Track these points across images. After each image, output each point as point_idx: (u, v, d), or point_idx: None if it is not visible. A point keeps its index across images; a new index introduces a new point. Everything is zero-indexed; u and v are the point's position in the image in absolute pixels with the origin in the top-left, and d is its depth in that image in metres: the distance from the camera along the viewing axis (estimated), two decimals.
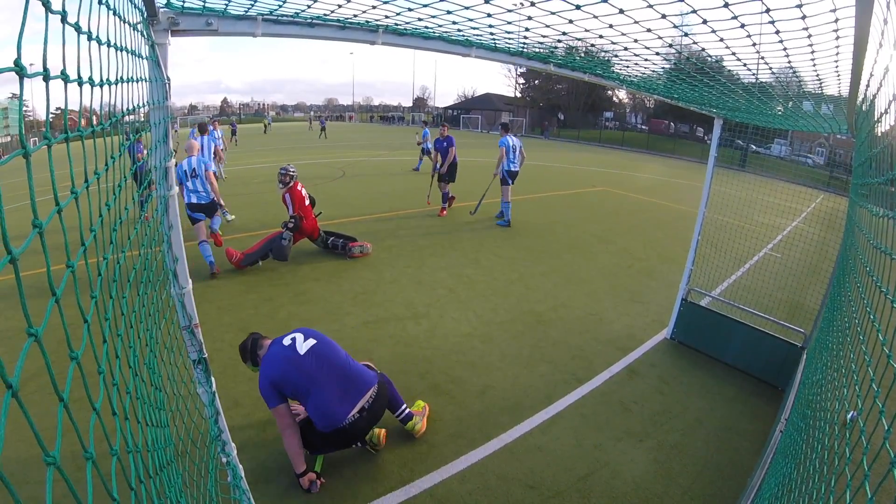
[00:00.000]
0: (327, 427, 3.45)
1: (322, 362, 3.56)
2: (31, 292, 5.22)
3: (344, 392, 3.52)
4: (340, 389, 3.51)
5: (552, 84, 67.08)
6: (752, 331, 5.35)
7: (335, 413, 3.44)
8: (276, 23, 2.30)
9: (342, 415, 3.45)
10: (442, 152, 12.00)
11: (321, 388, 3.46)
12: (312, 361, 3.53)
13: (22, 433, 3.59)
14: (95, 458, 0.98)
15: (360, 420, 3.50)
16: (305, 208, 8.39)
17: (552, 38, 2.77)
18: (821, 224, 11.46)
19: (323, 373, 3.51)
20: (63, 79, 0.97)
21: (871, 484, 1.12)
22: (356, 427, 3.49)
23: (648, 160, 34.15)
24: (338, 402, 3.47)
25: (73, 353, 0.93)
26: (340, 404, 3.47)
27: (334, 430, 3.45)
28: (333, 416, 3.44)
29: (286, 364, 3.48)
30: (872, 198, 1.90)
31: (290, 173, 8.27)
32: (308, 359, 3.54)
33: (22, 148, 0.79)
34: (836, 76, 2.71)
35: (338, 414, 3.45)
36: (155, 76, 2.04)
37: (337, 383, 3.53)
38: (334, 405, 3.45)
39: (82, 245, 1.08)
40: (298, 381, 3.45)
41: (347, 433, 3.47)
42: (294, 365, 3.49)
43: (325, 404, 3.44)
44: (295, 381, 3.44)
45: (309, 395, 3.44)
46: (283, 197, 8.33)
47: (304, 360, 3.52)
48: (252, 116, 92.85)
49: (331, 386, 3.49)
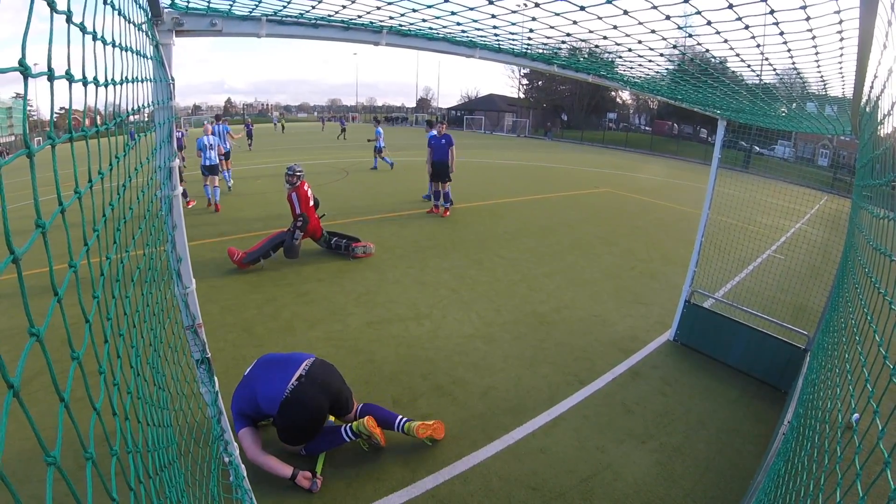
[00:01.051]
0: (275, 407, 3.58)
1: (261, 364, 3.87)
2: (33, 292, 5.22)
3: (278, 369, 3.74)
4: (276, 370, 3.74)
5: (555, 85, 67.03)
6: (755, 333, 5.33)
7: (277, 387, 3.61)
8: (280, 23, 2.31)
9: (282, 385, 3.61)
10: (439, 150, 11.91)
11: (259, 380, 3.70)
12: (252, 371, 3.85)
13: (24, 432, 3.60)
14: (95, 458, 0.98)
15: (301, 385, 3.62)
16: (310, 209, 8.42)
17: (556, 40, 2.77)
18: (824, 226, 11.43)
19: (259, 370, 3.80)
20: (67, 79, 0.97)
21: (862, 483, 1.11)
22: (301, 392, 3.60)
23: (652, 161, 34.09)
24: (274, 380, 3.66)
25: (74, 353, 0.93)
26: (276, 380, 3.66)
27: (281, 405, 3.57)
28: (277, 389, 3.60)
29: (238, 389, 3.80)
30: (875, 199, 1.89)
31: (297, 173, 8.30)
32: (250, 371, 3.87)
33: (25, 147, 0.79)
34: (840, 77, 2.70)
35: (279, 385, 3.62)
36: (159, 76, 2.04)
37: (271, 369, 3.77)
38: (274, 382, 3.64)
39: (85, 245, 1.08)
40: (245, 394, 3.70)
41: (297, 404, 3.57)
42: (241, 386, 3.78)
43: (266, 389, 3.63)
44: (243, 397, 3.71)
45: (256, 395, 3.64)
46: (289, 196, 8.36)
47: (247, 375, 3.85)
48: (256, 116, 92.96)
49: (266, 373, 3.74)
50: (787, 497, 1.78)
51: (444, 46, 2.83)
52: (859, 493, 1.10)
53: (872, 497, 1.15)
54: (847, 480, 1.19)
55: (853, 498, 1.16)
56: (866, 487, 1.10)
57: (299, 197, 8.26)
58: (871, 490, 1.12)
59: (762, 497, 2.51)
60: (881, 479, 1.04)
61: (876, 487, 1.17)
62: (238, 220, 11.15)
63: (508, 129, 63.16)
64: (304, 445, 3.76)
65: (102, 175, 1.22)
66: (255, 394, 3.63)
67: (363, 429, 3.71)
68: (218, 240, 9.47)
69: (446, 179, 11.95)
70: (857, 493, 1.12)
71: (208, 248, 8.92)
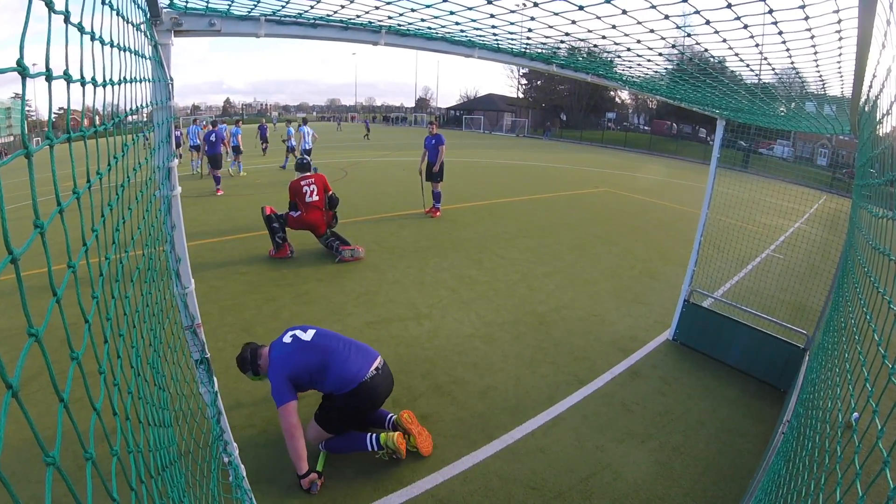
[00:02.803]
0: (351, 384, 3.60)
1: (330, 338, 3.81)
2: (33, 292, 5.21)
3: (357, 352, 3.77)
4: (354, 352, 3.76)
5: (554, 85, 67.09)
6: (754, 332, 5.34)
7: (358, 369, 3.65)
8: (278, 23, 2.30)
9: (364, 370, 3.66)
10: (431, 150, 11.85)
11: (337, 354, 3.68)
12: (321, 340, 3.76)
13: (25, 432, 3.60)
14: (95, 458, 0.98)
15: (377, 377, 3.70)
16: (305, 203, 8.45)
17: (555, 39, 2.77)
18: (823, 225, 11.44)
19: (334, 343, 3.76)
20: (66, 79, 0.97)
21: (862, 483, 1.11)
22: (376, 384, 3.68)
23: (651, 161, 34.13)
24: (356, 362, 3.69)
25: (73, 354, 0.93)
26: (358, 363, 3.69)
27: (358, 387, 3.60)
28: (357, 372, 3.64)
29: (298, 354, 3.63)
30: (874, 199, 1.90)
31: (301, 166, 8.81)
32: (317, 340, 3.76)
33: (24, 148, 0.79)
34: (839, 77, 2.70)
35: (361, 370, 3.66)
36: (158, 76, 2.04)
37: (349, 349, 3.77)
38: (355, 363, 3.67)
39: (84, 245, 1.08)
40: (314, 360, 3.61)
41: (369, 391, 3.64)
42: (306, 351, 3.66)
43: (344, 366, 3.63)
44: (310, 362, 3.60)
45: (327, 367, 3.61)
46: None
47: (313, 343, 3.72)
48: (255, 116, 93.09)
49: (345, 351, 3.73)
50: (788, 497, 1.78)
51: (442, 46, 2.83)
52: (859, 493, 1.10)
53: (872, 497, 1.15)
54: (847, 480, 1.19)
55: (853, 497, 1.16)
56: (866, 487, 1.10)
57: (289, 189, 8.59)
58: (872, 490, 1.12)
59: (762, 497, 2.51)
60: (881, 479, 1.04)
61: (876, 486, 1.17)
62: (238, 220, 11.15)
63: (507, 128, 63.24)
64: (328, 440, 3.76)
65: (101, 175, 1.22)
66: (328, 366, 3.60)
67: (391, 444, 3.70)
68: (217, 240, 9.47)
69: (437, 179, 11.91)
70: (856, 492, 1.12)
71: (208, 249, 8.92)
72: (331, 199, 8.80)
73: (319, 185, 8.63)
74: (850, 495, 1.25)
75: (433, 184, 11.93)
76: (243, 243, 9.31)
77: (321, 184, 8.67)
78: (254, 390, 4.53)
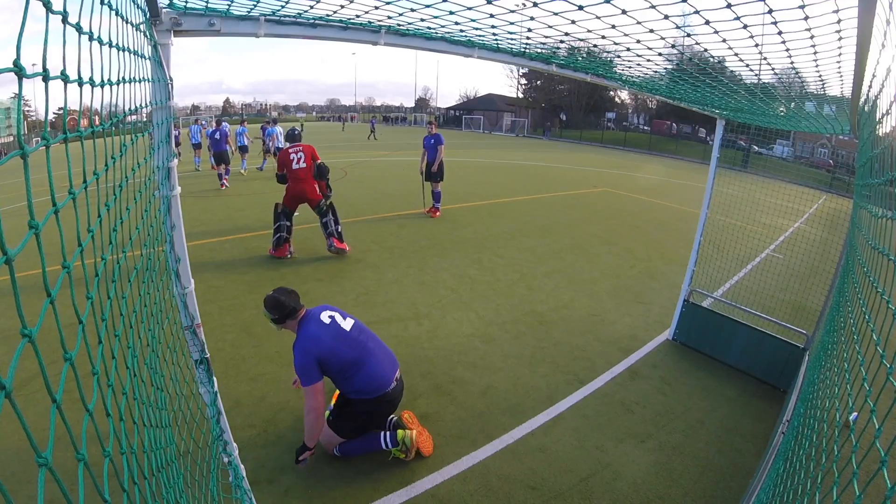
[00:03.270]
0: (378, 391, 3.64)
1: (367, 336, 3.80)
2: (29, 293, 5.24)
3: (386, 357, 3.79)
4: (385, 356, 3.79)
5: (554, 84, 67.09)
6: (754, 332, 5.34)
7: (385, 376, 3.68)
8: (278, 23, 2.30)
9: (389, 378, 3.70)
10: (430, 150, 11.84)
11: (374, 356, 3.68)
12: (360, 336, 3.72)
13: (23, 433, 3.59)
14: (88, 459, 0.97)
15: (398, 387, 3.79)
16: (292, 171, 8.54)
17: (554, 39, 2.77)
18: (823, 225, 11.43)
19: (371, 344, 3.75)
20: (63, 79, 0.96)
21: (859, 482, 1.11)
22: (397, 393, 3.78)
23: (650, 161, 34.12)
24: (386, 367, 3.72)
25: (67, 354, 0.93)
26: (387, 369, 3.72)
27: (383, 395, 3.67)
28: (383, 378, 3.67)
29: (336, 341, 3.57)
30: (874, 199, 1.89)
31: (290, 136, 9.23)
32: (355, 333, 3.72)
33: (20, 148, 0.79)
34: (839, 77, 2.70)
35: (386, 376, 3.69)
36: (158, 76, 2.04)
37: (382, 351, 3.80)
38: (385, 369, 3.70)
39: (79, 246, 1.08)
40: (350, 354, 3.58)
41: (390, 400, 3.73)
42: (345, 342, 3.61)
43: (377, 370, 3.65)
44: (346, 355, 3.56)
45: (363, 365, 3.61)
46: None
47: (353, 336, 3.68)
48: (254, 116, 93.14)
49: (379, 354, 3.74)
50: (784, 496, 1.78)
51: (442, 46, 2.82)
52: (856, 492, 1.10)
53: (870, 496, 1.15)
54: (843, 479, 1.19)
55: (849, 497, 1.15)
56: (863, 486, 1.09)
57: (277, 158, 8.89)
58: (869, 489, 1.12)
59: (763, 497, 2.51)
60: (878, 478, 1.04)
61: (874, 485, 1.17)
62: (237, 220, 11.15)
63: (507, 128, 63.23)
64: (343, 445, 3.75)
65: (97, 175, 1.22)
66: (363, 367, 3.60)
67: (408, 441, 3.72)
68: (217, 240, 9.46)
69: (437, 179, 11.90)
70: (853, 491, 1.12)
71: (207, 249, 8.92)
72: (319, 168, 8.67)
73: (307, 153, 8.69)
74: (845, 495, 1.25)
75: (433, 183, 11.90)
76: (243, 243, 9.31)
77: (308, 152, 8.72)
78: (254, 390, 4.54)
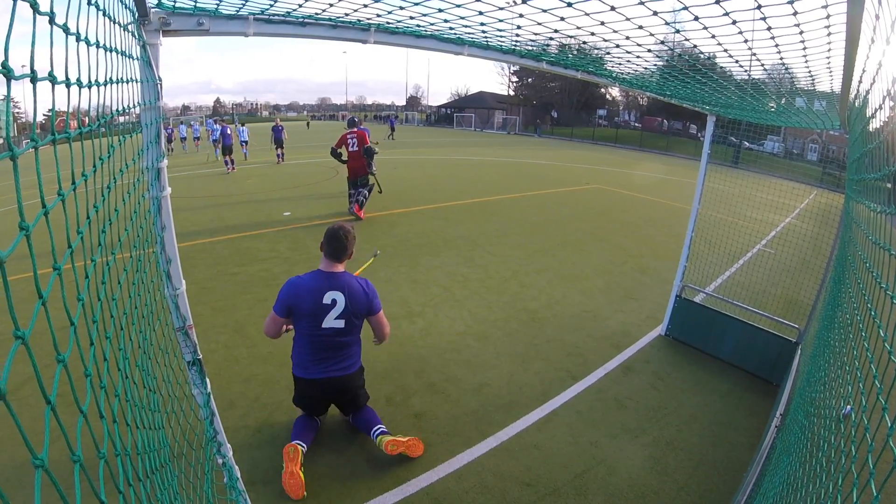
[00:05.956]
0: (297, 368, 3.74)
1: (331, 343, 3.67)
2: (22, 296, 5.16)
3: (324, 358, 3.69)
4: (327, 354, 3.69)
5: (545, 82, 67.25)
6: (746, 327, 5.37)
7: (308, 367, 3.70)
8: (267, 22, 2.29)
9: (312, 371, 3.70)
10: None
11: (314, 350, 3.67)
12: (328, 340, 3.65)
13: (20, 437, 3.57)
14: (83, 461, 0.97)
15: (316, 387, 3.73)
16: (348, 151, 11.26)
17: (544, 36, 2.77)
18: (814, 220, 11.49)
19: (324, 346, 3.66)
20: (51, 81, 0.96)
21: (876, 483, 1.11)
22: (312, 389, 3.75)
23: (642, 158, 34.22)
24: (314, 362, 3.68)
25: (59, 356, 0.92)
26: (314, 364, 3.68)
27: (298, 376, 3.75)
28: (307, 367, 3.70)
29: (307, 324, 3.59)
30: (867, 193, 1.90)
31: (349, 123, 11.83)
32: (326, 336, 3.63)
33: (9, 150, 0.78)
34: (829, 72, 2.72)
35: (310, 368, 3.69)
36: (146, 77, 2.03)
37: (326, 351, 3.69)
38: (315, 365, 3.69)
39: (69, 247, 1.07)
40: (310, 345, 3.65)
41: (302, 385, 3.77)
42: (313, 337, 3.62)
43: (304, 358, 3.69)
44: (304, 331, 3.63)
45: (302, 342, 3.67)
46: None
47: (323, 334, 3.61)
48: (245, 116, 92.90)
49: (320, 352, 3.68)
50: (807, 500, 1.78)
51: (432, 44, 2.82)
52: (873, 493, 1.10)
53: (883, 496, 1.16)
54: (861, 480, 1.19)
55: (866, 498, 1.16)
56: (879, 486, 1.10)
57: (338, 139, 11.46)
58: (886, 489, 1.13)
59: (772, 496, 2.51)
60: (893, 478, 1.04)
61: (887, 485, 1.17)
62: (228, 220, 11.11)
63: (498, 126, 63.30)
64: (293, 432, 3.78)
65: (86, 177, 1.21)
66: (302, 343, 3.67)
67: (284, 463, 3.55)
68: (209, 241, 9.42)
69: None
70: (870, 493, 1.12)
71: (199, 250, 8.88)
72: (367, 150, 11.23)
73: (359, 138, 11.18)
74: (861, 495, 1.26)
75: None
76: (234, 244, 9.27)
77: (360, 137, 11.20)
78: (247, 391, 4.52)
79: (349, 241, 3.65)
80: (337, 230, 3.62)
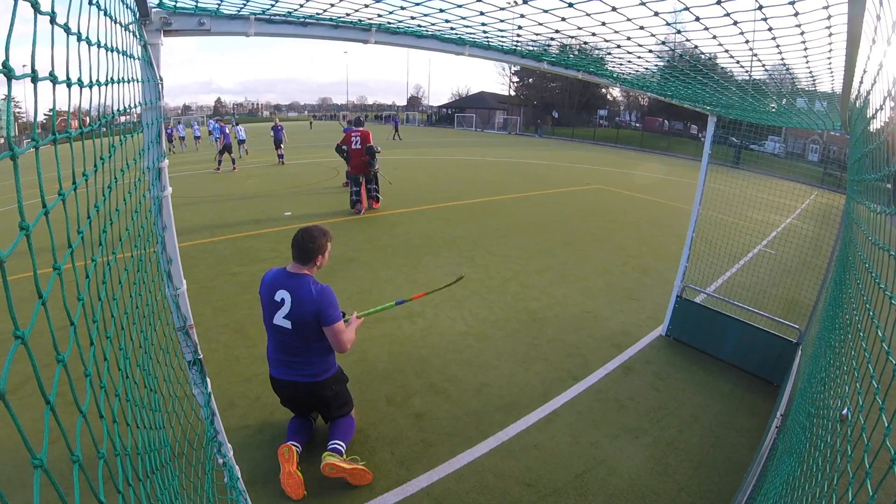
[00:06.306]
0: (269, 367, 3.73)
1: (285, 342, 3.55)
2: (22, 295, 5.17)
3: (286, 361, 3.60)
4: (286, 358, 3.59)
5: (546, 82, 67.20)
6: (746, 327, 5.36)
7: (273, 364, 3.67)
8: (268, 22, 2.29)
9: (276, 370, 3.66)
10: None
11: (273, 348, 3.64)
12: (281, 338, 3.55)
13: (17, 438, 3.57)
14: (82, 460, 0.97)
15: (285, 387, 3.69)
16: (352, 150, 11.78)
17: (545, 36, 2.77)
18: (815, 220, 11.48)
19: (281, 346, 3.58)
20: (51, 80, 0.96)
21: (872, 482, 1.11)
22: (282, 388, 3.71)
23: (642, 158, 34.19)
24: (278, 362, 3.62)
25: (59, 356, 0.92)
26: (279, 365, 3.63)
27: (270, 375, 3.73)
28: (272, 364, 3.68)
29: (265, 316, 3.55)
30: (867, 194, 1.90)
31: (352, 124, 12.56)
32: (279, 332, 3.54)
33: (10, 150, 0.78)
34: (830, 73, 2.71)
35: (275, 367, 3.66)
36: (148, 76, 2.03)
37: (285, 353, 3.59)
38: (275, 361, 3.64)
39: (69, 247, 1.07)
40: (270, 340, 3.64)
41: (274, 385, 3.75)
42: (269, 331, 3.59)
43: (270, 356, 3.68)
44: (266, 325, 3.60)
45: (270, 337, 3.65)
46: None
47: (275, 329, 3.54)
48: (246, 116, 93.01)
49: (279, 352, 3.61)
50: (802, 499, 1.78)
51: (433, 44, 2.82)
52: (869, 493, 1.10)
53: (879, 495, 1.16)
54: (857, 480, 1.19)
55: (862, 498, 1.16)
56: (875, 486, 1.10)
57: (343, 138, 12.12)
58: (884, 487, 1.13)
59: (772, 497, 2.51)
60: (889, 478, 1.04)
61: (883, 486, 1.17)
62: (229, 219, 11.11)
63: (499, 126, 63.20)
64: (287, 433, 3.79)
65: (87, 177, 1.21)
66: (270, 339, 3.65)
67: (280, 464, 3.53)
68: (209, 240, 9.43)
69: None
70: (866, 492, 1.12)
71: (199, 249, 8.88)
72: (369, 149, 11.76)
73: (363, 136, 11.75)
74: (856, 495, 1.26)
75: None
76: (235, 243, 9.28)
77: (364, 136, 11.76)
78: (248, 391, 4.52)
79: (314, 247, 3.44)
80: (301, 235, 3.47)
